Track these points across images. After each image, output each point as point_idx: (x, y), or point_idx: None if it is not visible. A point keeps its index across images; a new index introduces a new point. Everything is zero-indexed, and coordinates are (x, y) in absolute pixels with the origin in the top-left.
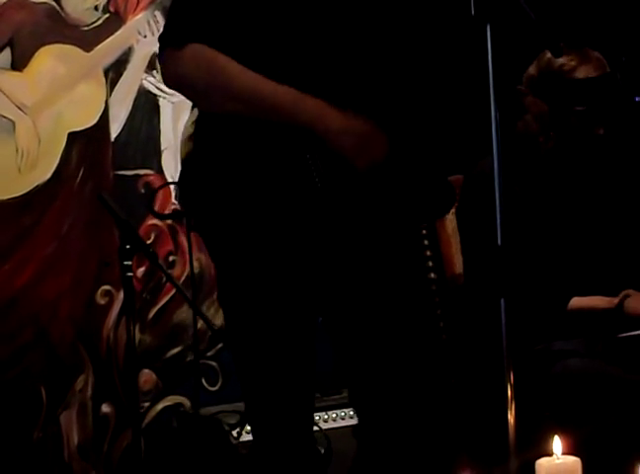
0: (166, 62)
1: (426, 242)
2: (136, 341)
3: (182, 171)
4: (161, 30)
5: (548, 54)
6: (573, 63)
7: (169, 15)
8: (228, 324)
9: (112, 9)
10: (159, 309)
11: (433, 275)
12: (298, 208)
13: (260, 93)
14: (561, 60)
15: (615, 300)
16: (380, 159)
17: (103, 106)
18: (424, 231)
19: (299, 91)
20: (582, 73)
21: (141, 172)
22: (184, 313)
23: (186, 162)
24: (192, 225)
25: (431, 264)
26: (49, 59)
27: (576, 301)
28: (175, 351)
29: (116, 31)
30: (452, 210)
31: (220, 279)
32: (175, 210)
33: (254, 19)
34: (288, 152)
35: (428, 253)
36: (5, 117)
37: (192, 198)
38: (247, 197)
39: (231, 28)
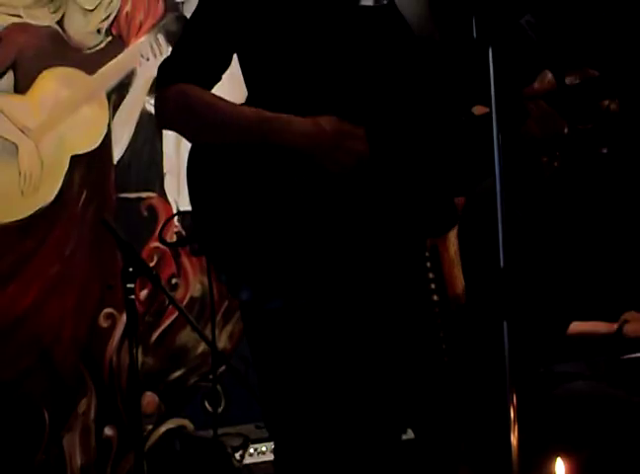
0: (156, 104)
1: (428, 264)
2: (139, 363)
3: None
4: (164, 53)
5: (550, 74)
6: (576, 83)
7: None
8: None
9: (114, 32)
10: (162, 332)
11: (435, 297)
12: (299, 224)
13: (225, 118)
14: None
15: (615, 325)
16: (353, 161)
17: (105, 129)
18: (426, 253)
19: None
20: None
21: (144, 195)
22: (186, 336)
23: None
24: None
25: (433, 286)
26: (52, 82)
27: (576, 326)
28: (177, 373)
29: (118, 54)
30: (454, 232)
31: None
32: (179, 234)
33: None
34: (289, 173)
35: (430, 275)
36: (8, 139)
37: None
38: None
39: (215, 66)
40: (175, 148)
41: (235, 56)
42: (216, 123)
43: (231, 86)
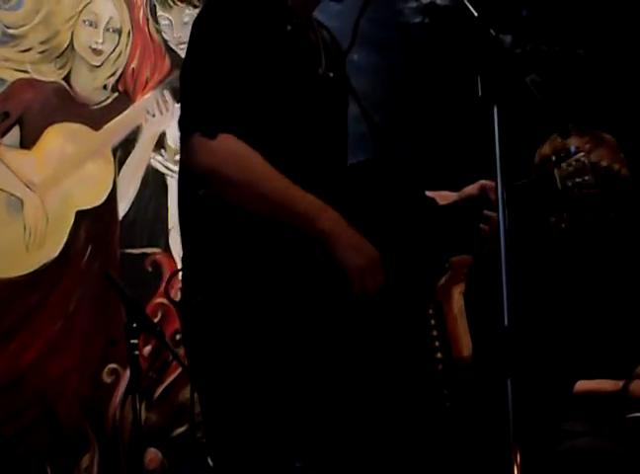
0: (196, 149)
1: (432, 322)
2: (142, 419)
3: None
4: (170, 109)
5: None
6: (588, 146)
7: (194, 98)
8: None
9: (120, 88)
10: (165, 388)
11: (439, 354)
12: (306, 296)
13: (287, 199)
14: (575, 142)
15: (620, 383)
16: (375, 290)
17: (111, 184)
18: (430, 311)
19: (324, 201)
20: (596, 156)
21: (148, 250)
22: (190, 392)
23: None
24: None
25: (437, 343)
26: (58, 138)
27: (582, 384)
28: (181, 429)
29: (124, 110)
30: (459, 290)
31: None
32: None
33: (277, 110)
34: (297, 243)
35: (434, 333)
36: (13, 194)
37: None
38: (254, 284)
39: (257, 118)
40: None
41: None
42: (274, 195)
43: None
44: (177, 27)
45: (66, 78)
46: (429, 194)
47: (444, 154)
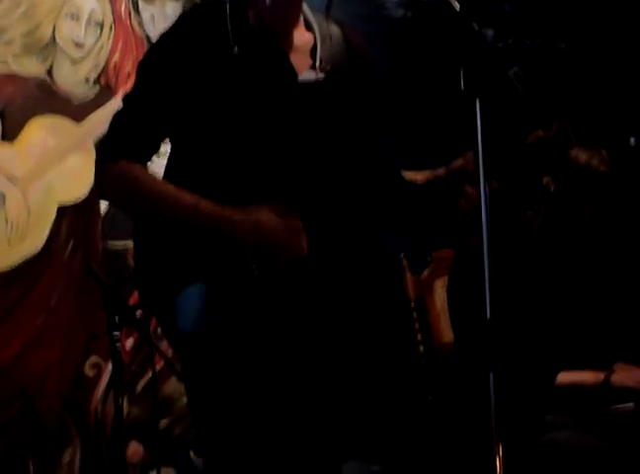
0: (94, 179)
1: (415, 315)
2: (124, 413)
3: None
4: None
5: (541, 132)
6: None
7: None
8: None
9: (102, 81)
10: (148, 381)
11: (422, 348)
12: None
13: (163, 200)
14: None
15: (602, 375)
16: (299, 249)
17: (93, 178)
18: (412, 304)
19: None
20: (574, 153)
21: (131, 244)
22: (172, 385)
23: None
24: None
25: (420, 337)
26: (40, 131)
27: (563, 376)
28: (163, 423)
29: (106, 103)
30: (441, 284)
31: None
32: None
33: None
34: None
35: (416, 326)
36: None
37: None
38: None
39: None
40: None
41: None
42: (150, 197)
43: None
44: (159, 20)
45: (48, 71)
46: (408, 175)
47: (426, 148)
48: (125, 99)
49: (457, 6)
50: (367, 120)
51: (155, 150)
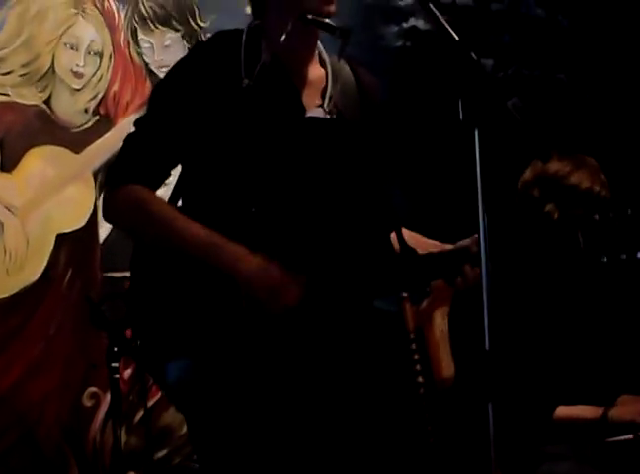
0: (103, 204)
1: (413, 346)
2: (123, 443)
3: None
4: None
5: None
6: (567, 169)
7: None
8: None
9: (102, 111)
10: (146, 411)
11: (420, 379)
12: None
13: (178, 232)
14: (555, 166)
15: (600, 410)
16: (293, 304)
17: (92, 208)
18: (411, 335)
19: (220, 235)
20: (576, 179)
21: (129, 274)
22: (171, 416)
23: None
24: None
25: (418, 368)
26: (39, 161)
27: (562, 410)
28: (161, 454)
29: (105, 133)
30: (440, 313)
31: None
32: None
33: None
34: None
35: (415, 357)
36: None
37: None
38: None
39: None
40: None
41: None
42: (167, 233)
43: None
44: (158, 50)
45: (47, 101)
46: (411, 241)
47: (426, 178)
48: (137, 122)
49: (456, 36)
50: (377, 163)
51: (166, 176)
